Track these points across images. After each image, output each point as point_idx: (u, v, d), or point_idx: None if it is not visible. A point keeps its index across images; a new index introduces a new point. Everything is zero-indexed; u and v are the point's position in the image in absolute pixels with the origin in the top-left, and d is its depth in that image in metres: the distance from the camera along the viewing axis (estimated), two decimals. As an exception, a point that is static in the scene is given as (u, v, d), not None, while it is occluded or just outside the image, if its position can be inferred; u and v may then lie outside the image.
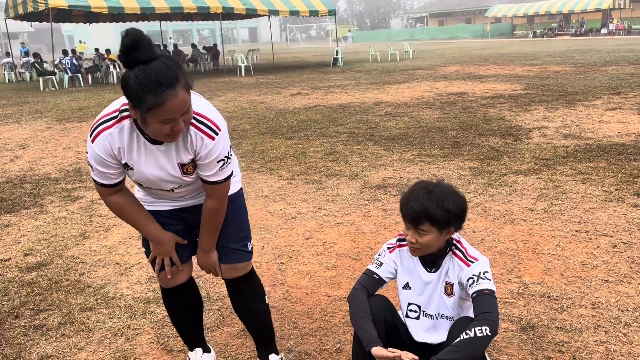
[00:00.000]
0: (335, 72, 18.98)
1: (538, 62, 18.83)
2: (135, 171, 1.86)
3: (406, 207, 1.84)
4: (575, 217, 3.93)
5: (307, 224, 4.08)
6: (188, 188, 1.99)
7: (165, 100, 1.58)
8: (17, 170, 6.33)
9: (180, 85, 1.60)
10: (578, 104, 8.97)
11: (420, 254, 1.93)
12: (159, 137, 1.70)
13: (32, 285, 3.27)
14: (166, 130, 1.66)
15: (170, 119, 1.63)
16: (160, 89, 1.56)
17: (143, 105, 1.59)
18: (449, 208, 1.81)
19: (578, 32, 46.40)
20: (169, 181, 1.90)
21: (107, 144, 1.78)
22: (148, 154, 1.83)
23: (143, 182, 1.92)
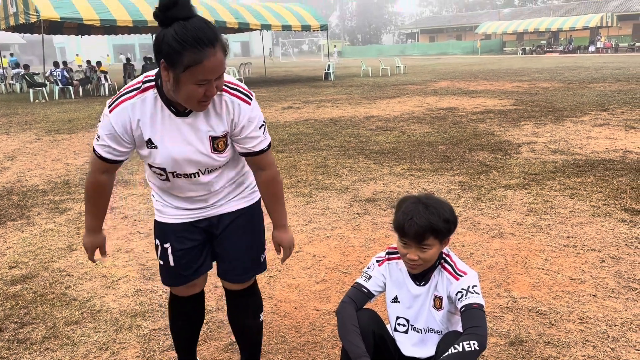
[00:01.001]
0: (326, 87, 19.07)
1: (527, 78, 19.05)
2: (160, 149, 1.75)
3: (409, 224, 1.80)
4: (564, 232, 3.95)
5: (297, 237, 4.07)
6: (213, 176, 1.88)
7: (204, 58, 1.53)
8: (5, 181, 6.27)
9: (218, 45, 1.56)
10: (566, 120, 9.07)
11: (420, 270, 1.91)
12: (189, 102, 1.63)
13: (16, 298, 3.22)
14: (199, 93, 1.59)
15: (206, 81, 1.58)
16: (200, 46, 1.51)
17: (179, 64, 1.53)
18: (448, 218, 1.83)
19: (566, 50, 47.08)
20: (195, 161, 1.79)
21: (127, 117, 1.70)
22: (173, 127, 1.73)
23: (167, 165, 1.80)
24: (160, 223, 2.03)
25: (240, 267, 2.07)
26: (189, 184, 1.90)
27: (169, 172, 1.84)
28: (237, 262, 2.06)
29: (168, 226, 2.00)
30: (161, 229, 2.02)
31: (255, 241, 2.09)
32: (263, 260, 2.15)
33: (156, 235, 2.07)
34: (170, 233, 2.00)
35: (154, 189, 2.03)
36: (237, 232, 2.03)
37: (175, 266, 2.04)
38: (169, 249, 2.02)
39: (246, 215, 2.04)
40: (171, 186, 1.92)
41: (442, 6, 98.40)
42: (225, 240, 2.03)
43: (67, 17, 17.62)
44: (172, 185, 1.91)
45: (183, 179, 1.86)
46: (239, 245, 2.04)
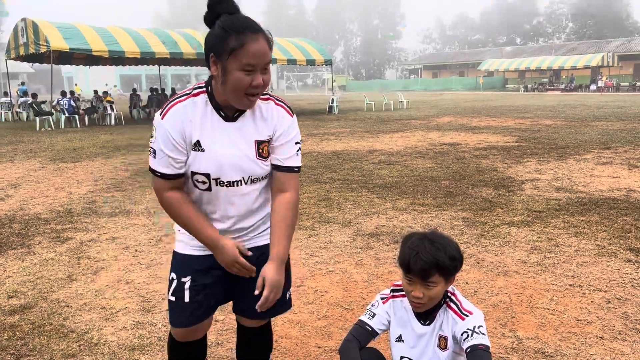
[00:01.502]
0: (330, 120, 19.23)
1: (530, 115, 19.19)
2: (207, 152, 1.75)
3: (414, 260, 1.79)
4: (569, 271, 3.90)
5: (299, 271, 4.03)
6: (253, 189, 1.86)
7: (246, 42, 1.61)
8: (7, 209, 6.27)
9: (263, 35, 1.66)
10: (569, 158, 9.10)
11: (424, 309, 1.88)
12: (236, 94, 1.67)
13: (14, 328, 3.17)
14: (246, 82, 1.64)
15: (251, 67, 1.63)
16: (243, 30, 1.62)
17: (225, 51, 1.63)
18: (454, 255, 1.81)
19: (568, 88, 47.58)
20: (241, 167, 1.79)
21: (179, 118, 1.73)
22: (222, 132, 1.77)
23: (212, 171, 1.78)
24: (181, 255, 1.95)
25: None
26: (228, 197, 1.84)
27: (213, 179, 1.79)
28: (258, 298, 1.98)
29: (191, 258, 1.92)
30: (182, 261, 1.94)
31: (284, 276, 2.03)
32: (288, 298, 2.08)
33: (173, 269, 1.97)
34: (192, 265, 1.93)
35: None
36: (262, 264, 1.93)
37: (190, 302, 1.94)
38: (187, 283, 1.93)
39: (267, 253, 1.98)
40: (210, 199, 1.85)
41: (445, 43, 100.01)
42: (250, 279, 1.94)
43: (76, 48, 17.94)
44: (211, 197, 1.84)
45: (225, 188, 1.81)
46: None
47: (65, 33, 17.96)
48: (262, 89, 1.71)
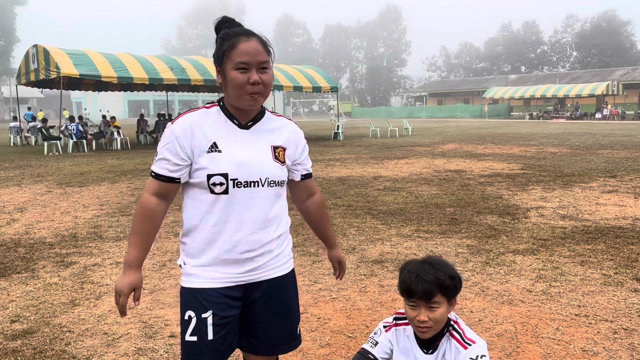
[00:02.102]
0: (335, 146, 19.32)
1: (535, 142, 19.23)
2: (224, 153, 1.78)
3: (415, 282, 1.81)
4: (575, 301, 3.86)
5: (302, 298, 4.01)
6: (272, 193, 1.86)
7: (237, 43, 1.74)
8: (13, 233, 6.29)
9: (256, 37, 1.78)
10: (575, 186, 9.08)
11: (431, 334, 1.87)
12: (239, 94, 1.75)
13: (15, 354, 3.16)
14: (242, 80, 1.73)
15: (244, 64, 1.73)
16: (235, 35, 1.76)
17: (222, 56, 1.76)
18: (454, 275, 1.85)
19: (573, 116, 47.72)
20: (259, 166, 1.81)
21: (189, 122, 1.79)
22: (238, 136, 1.83)
23: (230, 170, 1.77)
24: (194, 290, 1.83)
25: (274, 340, 1.96)
26: (246, 199, 1.81)
27: (231, 179, 1.77)
28: (270, 334, 1.94)
29: (206, 292, 1.82)
30: (197, 296, 1.83)
31: (291, 312, 1.99)
32: (298, 333, 2.05)
33: (188, 307, 1.84)
34: (211, 299, 1.82)
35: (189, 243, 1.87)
36: (272, 301, 1.92)
37: (214, 340, 1.82)
38: (209, 319, 1.81)
39: (282, 284, 1.95)
40: (226, 204, 1.80)
41: (450, 71, 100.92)
42: (258, 311, 1.91)
43: (86, 74, 18.23)
44: (227, 201, 1.80)
45: (243, 189, 1.79)
46: (273, 316, 1.93)
47: (75, 59, 18.28)
48: (261, 87, 1.77)
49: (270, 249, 1.91)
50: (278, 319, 1.95)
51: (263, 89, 1.77)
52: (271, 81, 1.81)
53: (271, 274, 1.92)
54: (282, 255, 1.97)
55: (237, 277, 1.86)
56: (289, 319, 1.99)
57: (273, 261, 1.93)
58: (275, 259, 1.93)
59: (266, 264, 1.91)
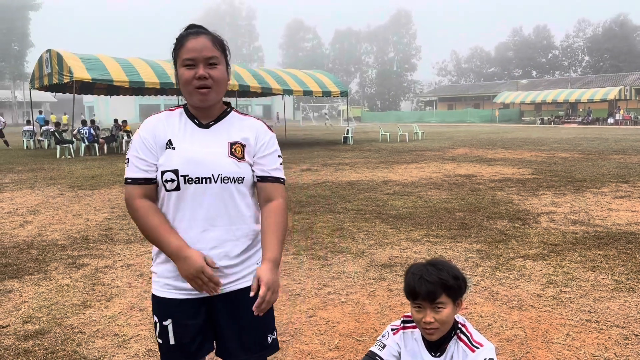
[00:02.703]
0: (345, 150, 19.33)
1: (546, 147, 19.11)
2: (177, 150, 1.80)
3: (419, 284, 1.83)
4: (586, 306, 3.84)
5: (311, 302, 4.02)
6: (226, 191, 1.80)
7: (186, 41, 1.78)
8: (26, 235, 6.37)
9: (206, 36, 1.80)
10: (586, 191, 9.01)
11: (438, 336, 1.88)
12: (188, 90, 1.78)
13: (27, 354, 3.20)
14: (189, 76, 1.76)
15: (190, 60, 1.76)
16: (185, 35, 1.81)
17: (174, 54, 1.81)
18: (457, 275, 1.85)
19: (585, 121, 47.37)
20: (210, 162, 1.79)
21: (153, 123, 1.86)
22: (195, 136, 1.84)
23: (181, 166, 1.78)
24: (160, 298, 1.89)
25: (241, 347, 1.91)
26: (197, 195, 1.78)
27: (181, 175, 1.77)
28: (237, 342, 1.90)
29: (170, 302, 1.86)
30: (162, 303, 1.89)
31: (262, 320, 1.90)
32: (271, 342, 1.98)
33: (153, 311, 1.93)
34: (173, 307, 1.86)
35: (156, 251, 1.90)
36: (236, 313, 1.88)
37: (177, 345, 1.89)
38: (170, 326, 1.87)
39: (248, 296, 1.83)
40: (178, 201, 1.80)
41: (460, 75, 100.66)
42: (226, 317, 1.89)
43: (98, 79, 18.40)
44: (179, 198, 1.79)
45: (194, 186, 1.78)
46: (241, 322, 1.89)
47: (88, 64, 18.47)
48: (210, 82, 1.77)
49: (230, 252, 1.84)
50: (244, 329, 1.90)
51: (213, 83, 1.78)
52: (222, 77, 1.81)
53: (233, 286, 1.87)
54: (249, 263, 1.91)
55: (194, 291, 1.83)
56: (256, 329, 1.92)
57: (236, 269, 1.87)
58: (238, 267, 1.87)
59: (227, 275, 1.85)
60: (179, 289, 1.85)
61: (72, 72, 17.72)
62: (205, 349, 1.93)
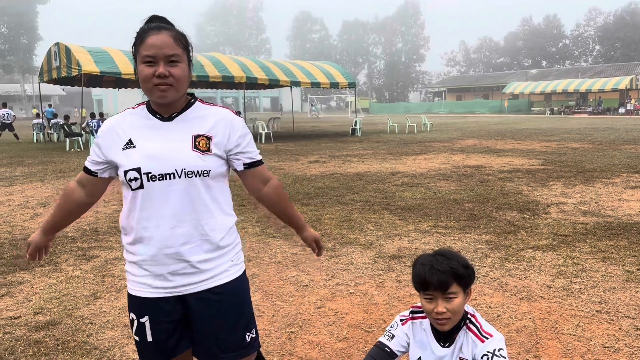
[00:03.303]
0: (353, 142, 19.29)
1: (556, 138, 18.96)
2: (138, 148, 1.78)
3: (430, 273, 1.82)
4: (596, 297, 3.81)
5: (319, 293, 4.02)
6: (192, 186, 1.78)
7: (146, 37, 1.74)
8: (36, 227, 6.41)
9: (167, 32, 1.75)
10: (597, 181, 8.93)
11: (450, 326, 1.86)
12: (147, 87, 1.75)
13: (39, 344, 3.23)
14: (149, 73, 1.72)
15: (150, 57, 1.72)
16: (147, 30, 1.76)
17: (134, 49, 1.78)
18: (467, 264, 1.86)
19: (595, 111, 46.91)
20: (173, 157, 1.76)
21: (110, 125, 1.86)
22: (157, 131, 1.81)
23: (143, 163, 1.76)
24: (134, 297, 1.90)
25: (217, 346, 1.89)
26: (163, 192, 1.77)
27: (144, 173, 1.75)
28: (214, 341, 1.88)
29: (145, 300, 1.86)
30: (138, 301, 1.89)
31: (239, 319, 1.91)
32: (250, 340, 1.94)
33: (130, 309, 1.94)
34: (147, 306, 1.87)
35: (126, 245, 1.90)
36: (215, 306, 1.86)
37: (154, 342, 1.89)
38: (147, 323, 1.87)
39: (227, 290, 1.88)
40: (144, 201, 1.78)
41: (469, 66, 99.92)
42: (202, 316, 1.87)
43: (106, 72, 18.45)
44: (144, 197, 1.78)
45: (158, 183, 1.75)
46: (217, 321, 1.87)
47: (96, 57, 18.51)
48: (170, 79, 1.74)
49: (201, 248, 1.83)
50: (221, 329, 1.89)
51: (173, 81, 1.74)
52: (183, 75, 1.77)
53: (208, 283, 1.85)
54: (222, 260, 1.88)
55: (170, 290, 1.84)
56: (232, 328, 1.91)
57: (210, 266, 1.85)
58: (212, 263, 1.85)
59: (201, 272, 1.83)
60: (155, 287, 1.85)
61: (80, 65, 17.77)
62: (182, 345, 1.93)
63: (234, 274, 1.91)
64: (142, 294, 1.86)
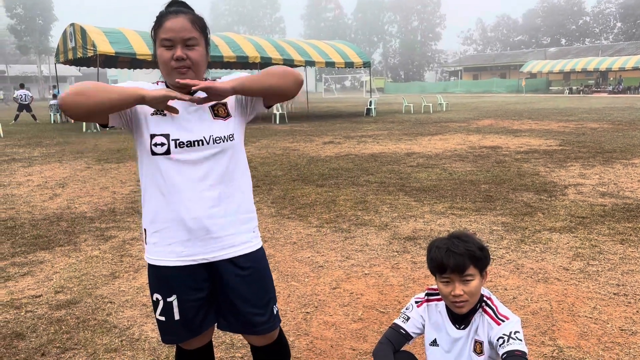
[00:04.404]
0: (368, 122, 19.18)
1: (574, 118, 18.66)
2: (167, 116, 1.80)
3: (447, 256, 1.81)
4: (613, 279, 3.78)
5: (335, 274, 4.04)
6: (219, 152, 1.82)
7: (164, 21, 1.76)
8: (55, 207, 6.52)
9: (185, 15, 1.77)
10: (616, 162, 8.79)
11: (468, 308, 1.86)
12: (167, 71, 1.77)
13: (60, 323, 3.30)
14: (167, 56, 1.75)
15: (168, 41, 1.74)
16: (165, 14, 1.78)
17: (153, 33, 1.79)
18: (482, 246, 1.86)
19: (616, 90, 45.98)
20: (199, 126, 1.81)
21: (145, 86, 1.81)
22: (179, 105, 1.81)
23: (172, 130, 1.78)
24: (158, 269, 1.89)
25: (245, 320, 1.93)
26: (190, 161, 1.80)
27: (172, 139, 1.78)
28: (242, 315, 1.92)
29: (171, 273, 1.86)
30: (162, 278, 1.89)
31: (266, 290, 1.97)
32: (276, 313, 2.01)
33: (154, 289, 1.92)
34: (175, 282, 1.87)
35: (150, 214, 1.88)
36: (245, 278, 1.91)
37: (181, 320, 1.91)
38: (175, 302, 1.88)
39: (252, 262, 1.92)
40: (168, 167, 1.79)
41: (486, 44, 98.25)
42: (230, 289, 1.90)
43: (121, 52, 18.47)
44: (171, 162, 1.79)
45: (187, 149, 1.79)
46: (246, 294, 1.91)
47: (111, 37, 18.53)
48: (188, 62, 1.76)
49: (227, 210, 1.87)
50: (248, 301, 1.91)
51: (191, 64, 1.77)
52: (201, 58, 1.80)
53: (235, 251, 1.89)
54: (246, 227, 1.93)
55: (199, 255, 1.86)
56: (261, 299, 1.94)
57: (235, 231, 1.89)
58: (236, 229, 1.89)
59: (228, 238, 1.88)
60: (182, 256, 1.85)
61: (95, 45, 17.82)
62: (209, 320, 1.96)
63: (256, 245, 1.97)
64: (170, 263, 1.86)
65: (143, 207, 1.92)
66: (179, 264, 1.86)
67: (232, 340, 3.02)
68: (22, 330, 3.20)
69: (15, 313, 3.47)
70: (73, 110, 1.66)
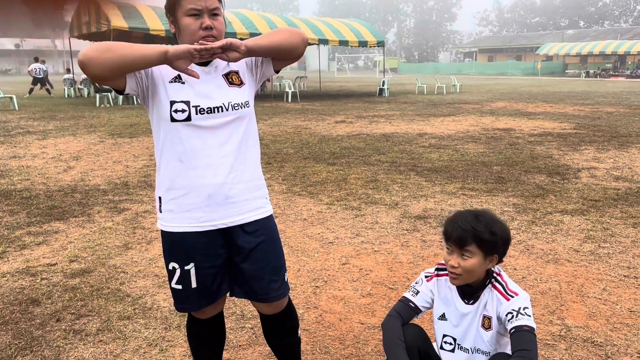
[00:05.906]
0: (380, 102, 19.06)
1: (590, 102, 18.40)
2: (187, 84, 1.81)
3: (452, 226, 1.83)
4: (624, 262, 3.77)
5: (344, 250, 4.07)
6: (238, 118, 1.86)
7: None
8: (70, 180, 6.59)
9: None
10: (631, 147, 8.69)
11: (461, 283, 1.89)
12: (193, 40, 1.75)
13: (74, 290, 3.37)
14: (196, 26, 1.75)
15: (196, 10, 1.75)
16: None
17: (173, 6, 1.77)
18: (496, 232, 1.81)
19: (634, 74, 45.18)
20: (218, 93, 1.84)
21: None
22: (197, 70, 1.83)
23: (192, 97, 1.79)
24: (174, 235, 1.89)
25: (259, 286, 1.97)
26: (210, 127, 1.82)
27: (193, 106, 1.79)
28: (256, 280, 1.95)
29: (187, 239, 1.87)
30: (179, 245, 1.89)
31: (278, 256, 2.01)
32: (286, 280, 2.05)
33: (171, 258, 1.93)
34: (192, 250, 1.88)
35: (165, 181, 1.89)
36: (260, 246, 1.94)
37: (198, 288, 1.93)
38: (192, 270, 1.90)
39: (266, 229, 1.96)
40: (189, 133, 1.80)
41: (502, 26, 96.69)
42: (241, 258, 1.94)
43: (135, 27, 18.43)
44: (191, 127, 1.80)
45: (207, 115, 1.80)
46: (261, 261, 1.94)
47: (125, 12, 18.47)
48: (215, 32, 1.78)
49: (243, 176, 1.90)
50: (263, 267, 1.94)
51: (217, 33, 1.79)
52: (223, 27, 1.83)
53: (251, 216, 1.93)
54: (260, 196, 1.97)
55: (218, 220, 1.87)
56: (274, 265, 1.98)
57: (250, 197, 1.92)
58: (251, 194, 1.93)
59: (244, 204, 1.90)
60: (202, 220, 1.86)
61: (109, 20, 17.79)
62: (224, 288, 2.00)
63: (269, 211, 2.01)
64: (189, 228, 1.86)
65: (158, 175, 1.94)
66: (198, 229, 1.87)
67: (242, 312, 3.07)
68: (38, 297, 3.27)
69: (30, 280, 3.54)
70: (95, 66, 1.61)
